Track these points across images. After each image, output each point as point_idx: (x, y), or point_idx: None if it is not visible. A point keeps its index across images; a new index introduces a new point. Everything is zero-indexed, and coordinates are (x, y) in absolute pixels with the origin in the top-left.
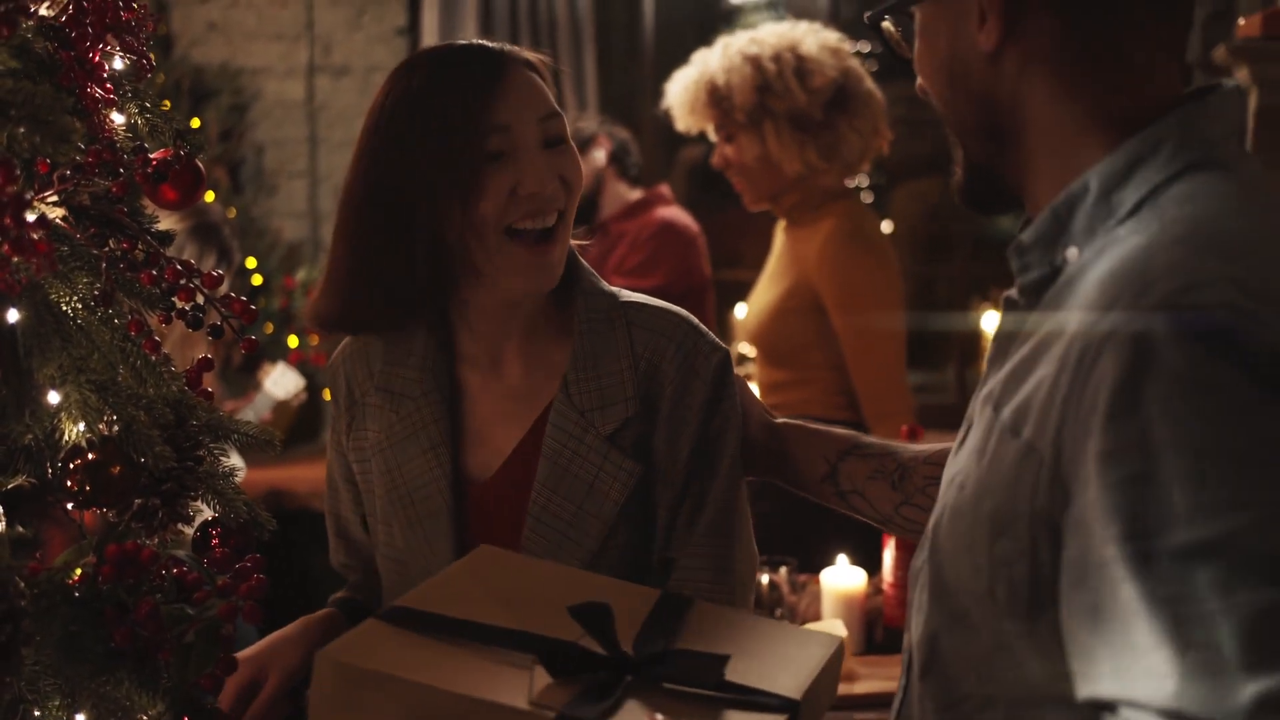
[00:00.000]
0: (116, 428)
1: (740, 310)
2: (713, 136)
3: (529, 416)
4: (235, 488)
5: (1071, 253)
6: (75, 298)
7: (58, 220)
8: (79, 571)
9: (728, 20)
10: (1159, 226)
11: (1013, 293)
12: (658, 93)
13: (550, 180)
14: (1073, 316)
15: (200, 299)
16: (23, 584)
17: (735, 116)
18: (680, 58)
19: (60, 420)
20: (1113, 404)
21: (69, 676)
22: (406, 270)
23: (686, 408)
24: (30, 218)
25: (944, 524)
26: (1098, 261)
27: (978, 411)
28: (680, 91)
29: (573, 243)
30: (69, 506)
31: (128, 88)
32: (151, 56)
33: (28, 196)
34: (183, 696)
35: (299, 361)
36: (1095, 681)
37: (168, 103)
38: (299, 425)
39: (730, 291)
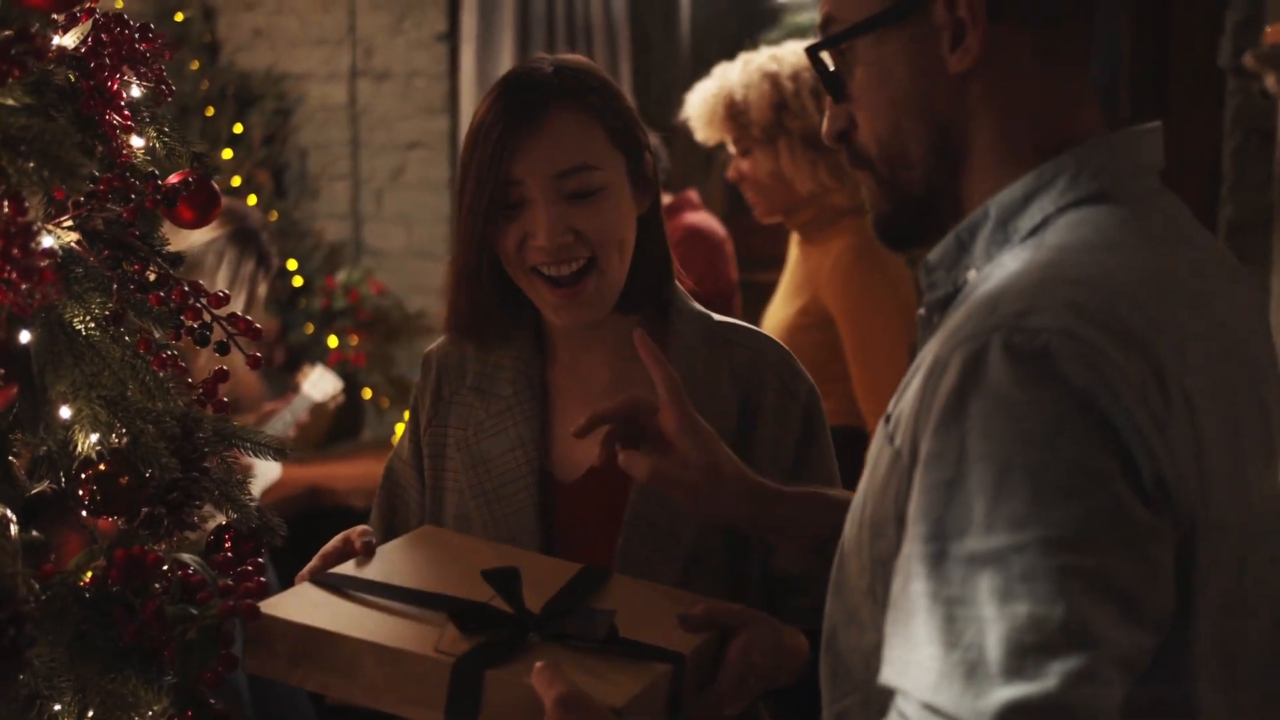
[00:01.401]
0: (125, 440)
1: None
2: (732, 149)
3: None
4: (249, 494)
5: (971, 274)
6: (88, 317)
7: (72, 244)
8: (90, 574)
9: (766, 23)
10: (1032, 254)
11: (922, 310)
12: None
13: (560, 234)
14: (946, 333)
15: (207, 317)
16: (37, 586)
17: (751, 132)
18: (717, 62)
19: (74, 432)
20: (942, 413)
21: (79, 673)
22: (480, 283)
23: (786, 430)
24: (47, 242)
25: (846, 526)
26: (982, 284)
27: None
28: (699, 104)
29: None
30: (82, 514)
31: (145, 114)
32: (171, 83)
33: (37, 226)
34: (185, 693)
35: (339, 362)
36: (887, 667)
37: (211, 109)
38: (339, 424)
39: (771, 292)
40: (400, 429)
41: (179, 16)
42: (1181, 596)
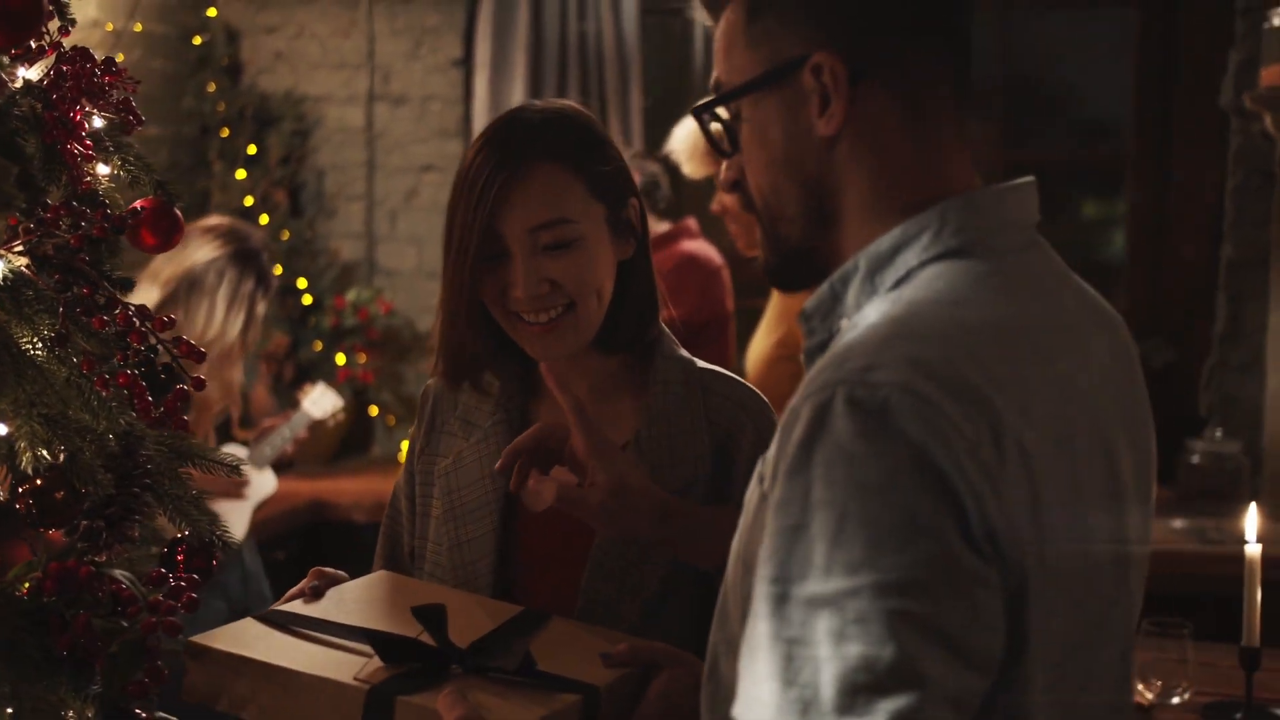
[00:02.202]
0: (63, 457)
1: None
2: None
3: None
4: (202, 509)
5: (844, 323)
6: (35, 338)
7: (22, 268)
8: (27, 584)
9: None
10: (889, 308)
11: (803, 356)
12: None
13: (537, 285)
14: (804, 383)
15: (152, 340)
16: None
17: None
18: None
19: (20, 448)
20: (792, 460)
21: (13, 679)
22: (470, 325)
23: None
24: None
25: (729, 560)
26: (847, 334)
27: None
28: (683, 139)
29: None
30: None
31: (109, 143)
32: (139, 114)
33: None
34: (110, 704)
35: (347, 379)
36: (736, 702)
37: (227, 129)
38: (347, 441)
39: None
40: (406, 445)
41: (196, 40)
42: (1016, 639)
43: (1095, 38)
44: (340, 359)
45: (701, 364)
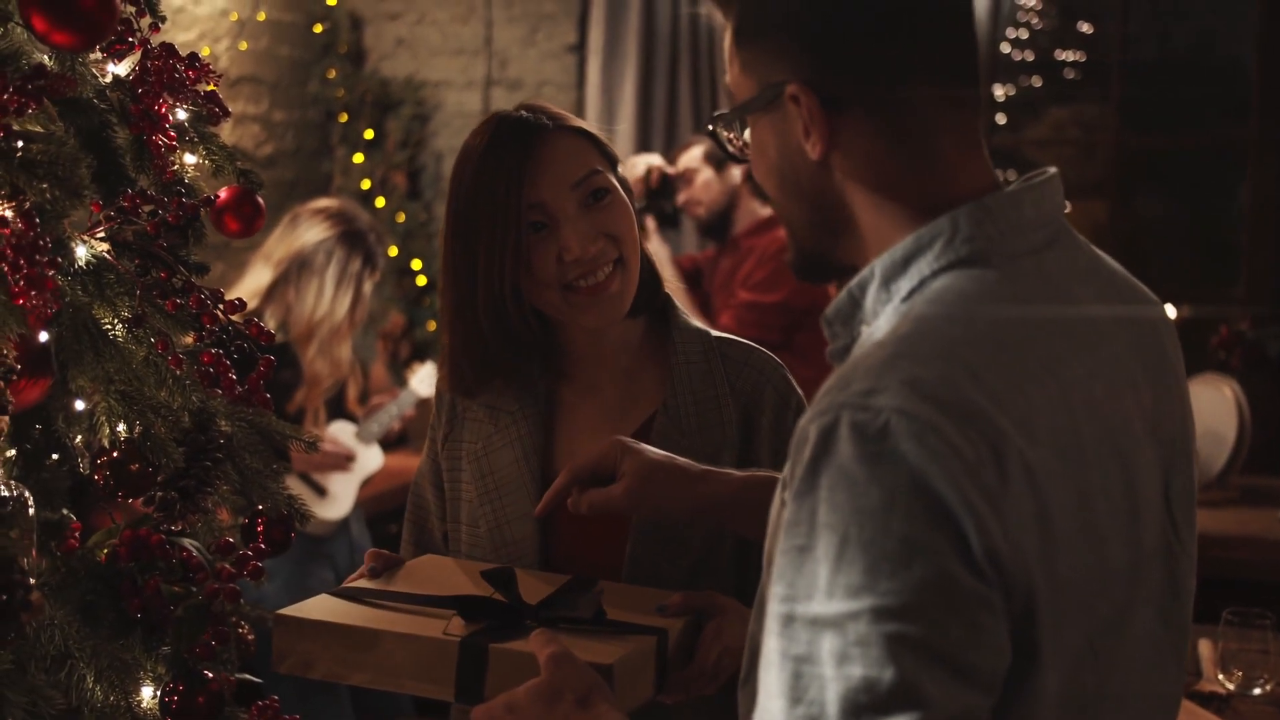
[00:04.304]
0: (138, 431)
1: None
2: None
3: (622, 433)
4: (281, 485)
5: (864, 329)
6: (115, 319)
7: (104, 253)
8: (105, 551)
9: None
10: (898, 322)
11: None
12: None
13: (593, 241)
14: (814, 401)
15: (223, 320)
16: (44, 561)
17: None
18: None
19: (100, 423)
20: (800, 482)
21: (90, 639)
22: (488, 328)
23: (781, 440)
24: (80, 252)
25: (764, 559)
26: (867, 340)
27: None
28: None
29: (668, 284)
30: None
31: (192, 134)
32: (226, 106)
33: (44, 240)
34: (179, 662)
35: None
36: (752, 711)
37: (345, 115)
38: None
39: None
40: None
41: (318, 28)
42: (1027, 652)
43: (1217, 18)
44: None
45: (715, 334)
